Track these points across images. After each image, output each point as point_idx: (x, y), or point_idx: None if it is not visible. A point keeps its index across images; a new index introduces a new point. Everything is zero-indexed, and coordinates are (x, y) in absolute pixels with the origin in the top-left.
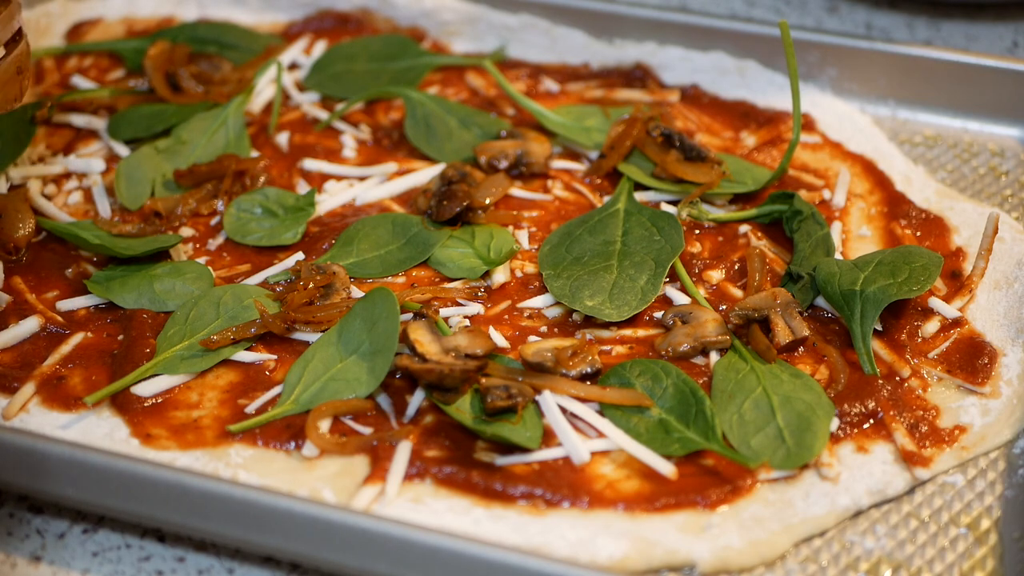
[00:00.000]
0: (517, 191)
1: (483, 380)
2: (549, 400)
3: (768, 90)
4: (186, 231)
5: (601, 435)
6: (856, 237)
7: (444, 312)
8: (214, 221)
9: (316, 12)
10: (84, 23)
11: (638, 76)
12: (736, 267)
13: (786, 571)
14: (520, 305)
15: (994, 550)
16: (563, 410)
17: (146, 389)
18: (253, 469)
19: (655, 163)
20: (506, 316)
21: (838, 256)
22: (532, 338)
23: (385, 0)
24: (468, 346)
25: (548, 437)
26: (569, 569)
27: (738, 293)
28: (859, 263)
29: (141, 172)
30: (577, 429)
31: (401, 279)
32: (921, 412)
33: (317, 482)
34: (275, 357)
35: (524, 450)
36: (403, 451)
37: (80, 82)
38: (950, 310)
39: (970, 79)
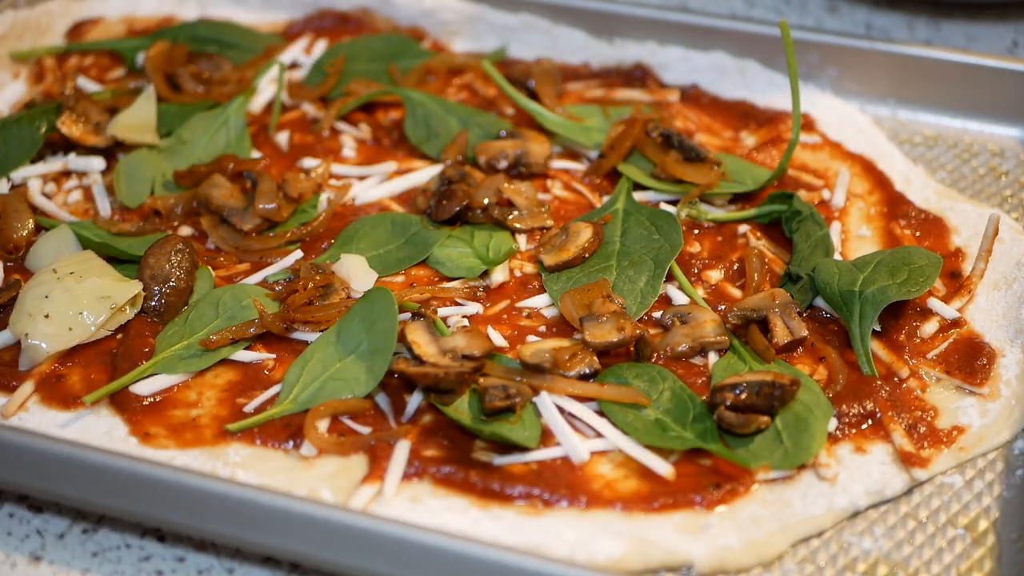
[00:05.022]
0: None
1: (481, 380)
2: (547, 400)
3: (768, 90)
4: (185, 230)
5: (599, 435)
6: (855, 237)
7: (443, 311)
8: None
9: (316, 12)
10: (85, 22)
11: (638, 76)
12: (735, 267)
13: (783, 572)
14: (519, 305)
15: (992, 551)
16: (561, 410)
17: (145, 388)
18: (251, 468)
19: (654, 163)
20: (505, 316)
21: (837, 256)
22: (531, 338)
23: (385, 0)
24: (466, 347)
25: (546, 437)
26: (567, 569)
27: (737, 293)
28: (858, 264)
29: (141, 171)
30: (576, 430)
31: (400, 278)
32: (919, 413)
33: (315, 481)
34: (274, 356)
35: (522, 449)
36: (401, 451)
37: (83, 83)
38: (949, 311)
39: (970, 79)
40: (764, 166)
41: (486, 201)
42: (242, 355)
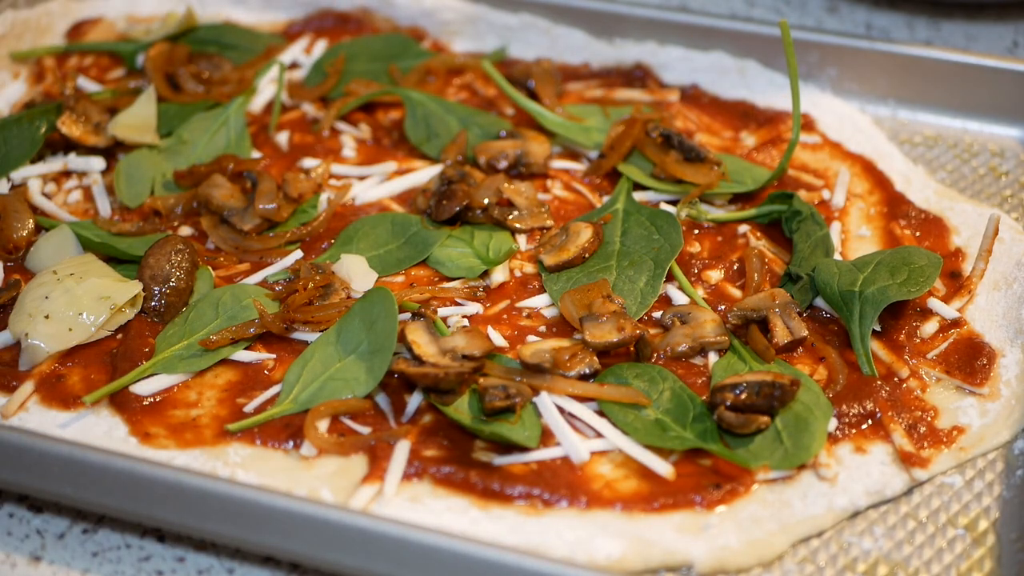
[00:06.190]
0: None
1: (481, 380)
2: (547, 400)
3: (768, 90)
4: (185, 230)
5: (599, 435)
6: (855, 237)
7: (443, 311)
8: None
9: (316, 11)
10: (85, 22)
11: (638, 76)
12: (735, 267)
13: (783, 572)
14: (519, 305)
15: (992, 551)
16: (561, 410)
17: (145, 388)
18: (251, 468)
19: (654, 163)
20: (505, 316)
21: (837, 256)
22: (531, 338)
23: (385, 0)
24: (466, 347)
25: (546, 437)
26: (566, 569)
27: (737, 293)
28: (858, 264)
29: (141, 171)
30: (576, 430)
31: (400, 278)
32: (919, 413)
33: (315, 481)
34: (274, 356)
35: (523, 449)
36: (401, 451)
37: (83, 83)
38: (949, 311)
39: (970, 79)
40: (764, 166)
41: (486, 201)
42: (242, 355)
